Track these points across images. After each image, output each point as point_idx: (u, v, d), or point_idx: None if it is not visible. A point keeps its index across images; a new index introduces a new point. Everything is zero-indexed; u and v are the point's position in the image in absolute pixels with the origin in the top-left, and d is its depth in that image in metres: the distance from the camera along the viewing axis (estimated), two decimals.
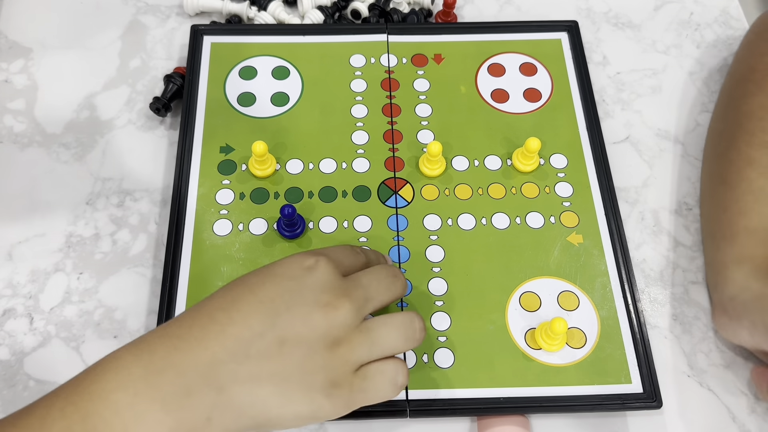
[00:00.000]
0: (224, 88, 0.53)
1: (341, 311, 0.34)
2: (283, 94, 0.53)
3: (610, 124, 0.55)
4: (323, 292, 0.35)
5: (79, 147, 0.52)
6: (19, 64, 0.56)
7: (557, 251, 0.47)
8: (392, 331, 0.36)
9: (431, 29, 0.57)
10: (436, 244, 0.47)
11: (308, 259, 0.36)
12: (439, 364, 0.43)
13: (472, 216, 0.48)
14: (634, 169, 0.53)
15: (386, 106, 0.53)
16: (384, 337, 0.36)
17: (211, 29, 0.55)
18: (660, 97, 0.56)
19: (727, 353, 0.46)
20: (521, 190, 0.49)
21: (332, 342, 0.34)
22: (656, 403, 0.42)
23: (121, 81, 0.55)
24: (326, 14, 0.58)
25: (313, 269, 0.35)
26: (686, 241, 0.50)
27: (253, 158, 0.48)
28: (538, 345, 0.43)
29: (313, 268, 0.35)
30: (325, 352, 0.34)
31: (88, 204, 0.49)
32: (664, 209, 0.51)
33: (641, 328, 0.44)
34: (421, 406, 0.41)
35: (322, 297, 0.35)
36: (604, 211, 0.49)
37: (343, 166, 0.50)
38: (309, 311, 0.34)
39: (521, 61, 0.56)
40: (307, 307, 0.34)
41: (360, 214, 0.48)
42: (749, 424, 0.43)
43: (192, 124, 0.51)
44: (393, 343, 0.36)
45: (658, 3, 0.62)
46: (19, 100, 0.54)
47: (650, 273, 0.48)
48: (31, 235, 0.48)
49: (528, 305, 0.45)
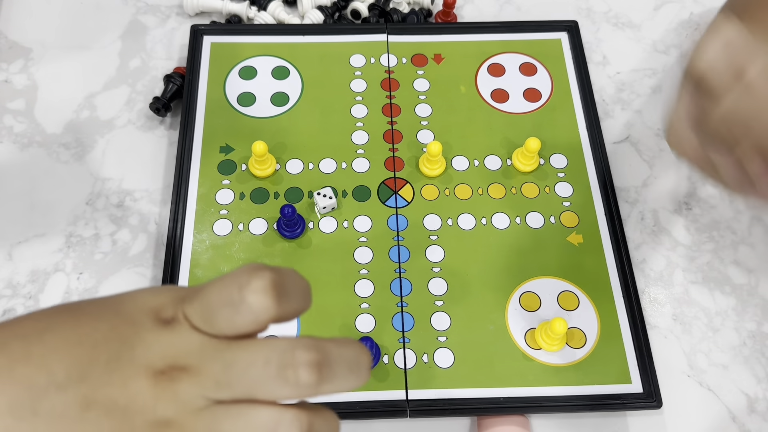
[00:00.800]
0: (224, 88, 0.53)
1: (181, 386, 0.24)
2: (283, 94, 0.53)
3: (610, 124, 0.55)
4: (164, 357, 0.24)
5: (79, 147, 0.52)
6: (19, 64, 0.56)
7: (557, 251, 0.47)
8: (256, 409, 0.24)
9: (431, 29, 0.57)
10: (436, 244, 0.47)
11: (167, 309, 0.25)
12: (439, 364, 0.43)
13: (472, 216, 0.48)
14: (634, 169, 0.53)
15: (386, 106, 0.53)
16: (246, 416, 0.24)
17: (211, 29, 0.55)
18: (660, 97, 0.56)
19: (727, 353, 0.46)
20: (521, 190, 0.49)
21: (157, 423, 0.24)
22: (656, 403, 0.42)
23: (121, 81, 0.55)
24: (326, 14, 0.58)
25: (168, 326, 0.25)
26: (686, 241, 0.50)
27: (253, 158, 0.48)
28: (538, 345, 0.43)
29: (168, 323, 0.25)
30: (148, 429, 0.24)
31: (88, 204, 0.49)
32: (664, 209, 0.51)
33: (641, 328, 0.44)
34: (421, 406, 0.41)
35: (159, 361, 0.24)
36: (604, 211, 0.49)
37: (343, 166, 0.50)
38: (135, 374, 0.24)
39: (521, 61, 0.56)
40: (134, 368, 0.24)
41: (360, 214, 0.48)
42: (749, 424, 0.43)
43: (192, 124, 0.51)
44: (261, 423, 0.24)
45: (658, 3, 0.62)
46: (19, 100, 0.54)
47: (650, 273, 0.48)
48: (31, 235, 0.48)
49: (528, 305, 0.45)
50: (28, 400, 0.23)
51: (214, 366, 0.24)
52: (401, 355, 0.43)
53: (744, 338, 0.46)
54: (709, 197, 0.52)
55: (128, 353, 0.24)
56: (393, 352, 0.43)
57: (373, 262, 0.46)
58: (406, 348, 0.43)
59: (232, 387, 0.24)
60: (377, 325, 0.44)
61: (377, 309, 0.44)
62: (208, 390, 0.24)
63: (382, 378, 0.42)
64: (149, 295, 0.26)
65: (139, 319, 0.25)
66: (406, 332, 0.44)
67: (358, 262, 0.46)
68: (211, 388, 0.24)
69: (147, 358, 0.24)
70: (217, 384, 0.24)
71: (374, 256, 0.46)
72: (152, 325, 0.25)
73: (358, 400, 0.41)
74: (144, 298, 0.26)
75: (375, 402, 0.41)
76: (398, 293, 0.45)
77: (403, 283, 0.45)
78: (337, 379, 0.24)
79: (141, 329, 0.25)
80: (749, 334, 0.46)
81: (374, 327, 0.44)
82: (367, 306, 0.44)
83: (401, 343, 0.43)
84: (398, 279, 0.45)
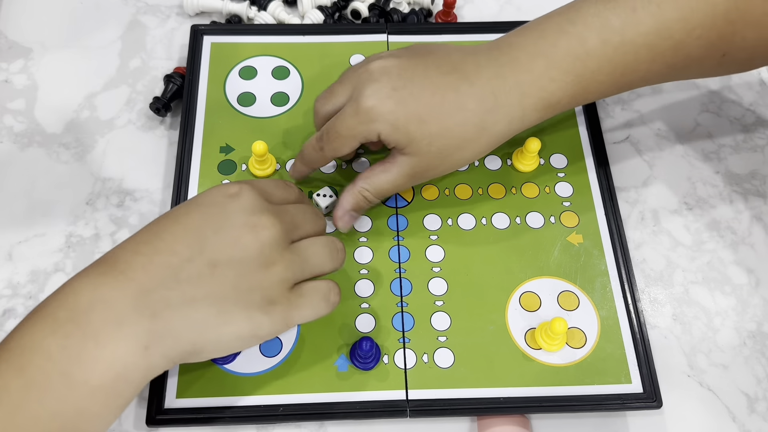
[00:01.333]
0: (224, 88, 0.53)
1: (271, 231, 0.35)
2: (283, 94, 0.53)
3: (610, 124, 0.55)
4: (250, 215, 0.35)
5: (79, 147, 0.52)
6: (19, 64, 0.56)
7: (557, 251, 0.47)
8: (319, 250, 0.38)
9: (431, 29, 0.57)
10: (436, 244, 0.47)
11: (232, 188, 0.36)
12: (439, 364, 0.43)
13: (472, 216, 0.48)
14: (634, 169, 0.53)
15: None
16: (313, 257, 0.37)
17: (211, 29, 0.55)
18: (660, 97, 0.56)
19: (727, 353, 0.46)
20: (521, 190, 0.49)
21: (265, 261, 0.35)
22: (656, 403, 0.42)
23: (121, 81, 0.55)
24: (326, 14, 0.58)
25: (238, 196, 0.36)
26: (686, 241, 0.50)
27: (253, 158, 0.48)
28: (538, 345, 0.43)
29: (237, 195, 0.36)
30: (259, 271, 0.34)
31: (88, 204, 0.49)
32: (664, 209, 0.51)
33: (641, 328, 0.44)
34: (421, 406, 0.41)
35: (249, 219, 0.35)
36: (604, 211, 0.49)
37: (343, 166, 0.50)
38: (238, 234, 0.34)
39: None
40: (235, 229, 0.34)
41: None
42: (749, 424, 0.43)
43: (192, 124, 0.51)
44: (321, 262, 0.38)
45: None
46: (19, 100, 0.54)
47: (650, 273, 0.48)
48: (31, 235, 0.48)
49: (528, 305, 0.45)
50: (171, 275, 0.33)
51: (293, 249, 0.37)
52: (401, 355, 0.43)
53: (744, 338, 0.46)
54: (709, 197, 0.52)
55: (226, 222, 0.35)
56: (393, 352, 0.43)
57: (373, 262, 0.46)
58: (406, 348, 0.43)
59: (305, 269, 0.37)
60: (377, 325, 0.44)
61: (377, 309, 0.44)
62: (290, 235, 0.37)
63: (382, 378, 0.42)
64: (221, 188, 0.37)
65: (221, 201, 0.36)
66: (406, 332, 0.44)
67: (358, 262, 0.46)
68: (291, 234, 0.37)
69: (241, 219, 0.35)
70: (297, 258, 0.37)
71: (374, 256, 0.46)
72: (229, 201, 0.36)
73: (358, 400, 0.41)
74: (217, 189, 0.37)
75: (375, 402, 0.41)
76: (398, 293, 0.45)
77: (403, 283, 0.45)
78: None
79: (224, 207, 0.35)
80: (749, 334, 0.46)
81: (374, 327, 0.44)
82: (367, 306, 0.44)
83: (401, 343, 0.43)
84: (398, 279, 0.45)
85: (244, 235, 0.34)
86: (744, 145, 0.54)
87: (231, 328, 0.34)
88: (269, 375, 0.42)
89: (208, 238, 0.34)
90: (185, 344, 0.33)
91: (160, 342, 0.32)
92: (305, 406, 0.41)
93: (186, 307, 0.33)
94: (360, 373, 0.42)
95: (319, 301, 0.37)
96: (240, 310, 0.34)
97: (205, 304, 0.33)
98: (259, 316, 0.34)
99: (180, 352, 0.33)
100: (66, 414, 0.31)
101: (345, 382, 0.42)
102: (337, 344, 0.43)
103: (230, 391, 0.41)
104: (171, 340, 0.32)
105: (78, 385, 0.31)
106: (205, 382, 0.42)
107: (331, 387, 0.42)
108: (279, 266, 0.35)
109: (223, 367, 0.42)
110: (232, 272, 0.34)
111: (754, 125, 0.55)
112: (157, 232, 0.35)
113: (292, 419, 0.41)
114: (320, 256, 0.38)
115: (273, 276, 0.35)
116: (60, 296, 0.32)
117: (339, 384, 0.42)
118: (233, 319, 0.34)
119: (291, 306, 0.36)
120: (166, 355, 0.32)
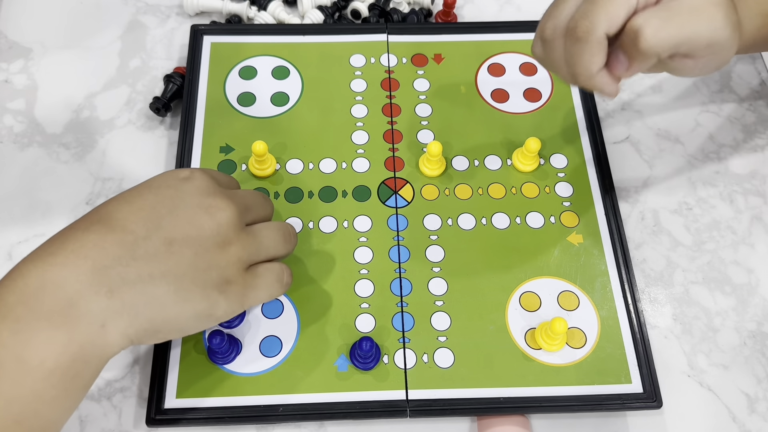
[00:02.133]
0: (224, 88, 0.53)
1: (226, 212, 0.35)
2: (283, 94, 0.53)
3: (610, 124, 0.55)
4: (205, 197, 0.36)
5: (79, 147, 0.52)
6: (19, 64, 0.56)
7: (557, 251, 0.47)
8: (273, 234, 0.39)
9: (431, 29, 0.57)
10: (436, 244, 0.47)
11: (183, 172, 0.37)
12: (439, 364, 0.43)
13: (472, 216, 0.48)
14: (634, 169, 0.53)
15: (386, 106, 0.53)
16: (267, 239, 0.38)
17: (211, 29, 0.55)
18: (660, 97, 0.56)
19: (728, 353, 0.46)
20: (521, 190, 0.49)
21: (222, 242, 0.35)
22: (656, 403, 0.42)
23: (121, 81, 0.55)
24: (326, 14, 0.58)
25: (190, 179, 0.36)
26: (686, 241, 0.50)
27: (253, 158, 0.48)
28: (538, 345, 0.43)
29: (189, 178, 0.36)
30: (215, 250, 0.35)
31: (88, 204, 0.49)
32: (664, 209, 0.51)
33: (641, 328, 0.44)
34: (421, 406, 0.41)
35: (204, 201, 0.35)
36: (604, 211, 0.49)
37: (343, 166, 0.50)
38: (193, 213, 0.35)
39: (521, 60, 0.56)
40: (190, 210, 0.35)
41: (360, 214, 0.48)
42: (749, 424, 0.43)
43: (192, 124, 0.51)
44: (275, 245, 0.39)
45: None
46: (19, 100, 0.54)
47: (650, 273, 0.48)
48: (31, 235, 0.48)
49: (528, 305, 0.45)
50: (126, 252, 0.32)
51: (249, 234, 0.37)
52: (401, 355, 0.43)
53: (744, 338, 0.46)
54: (709, 197, 0.52)
55: (181, 203, 0.35)
56: (393, 352, 0.43)
57: (373, 262, 0.46)
58: (406, 348, 0.43)
59: (260, 251, 0.38)
60: (377, 325, 0.44)
61: (377, 309, 0.44)
62: (243, 217, 0.37)
63: (382, 378, 0.42)
64: (172, 172, 0.37)
65: (174, 184, 0.36)
66: (406, 332, 0.44)
67: (358, 262, 0.46)
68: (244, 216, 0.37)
69: (195, 200, 0.35)
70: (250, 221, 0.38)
71: (374, 256, 0.46)
72: (182, 183, 0.36)
73: (358, 400, 0.41)
74: (169, 173, 0.37)
75: (375, 402, 0.41)
76: (398, 293, 0.45)
77: (403, 283, 0.45)
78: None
79: (178, 189, 0.35)
80: (749, 334, 0.46)
81: (374, 327, 0.44)
82: (367, 306, 0.44)
83: (401, 343, 0.43)
84: (398, 279, 0.45)
85: (199, 216, 0.35)
86: (744, 145, 0.54)
87: (188, 306, 0.34)
88: (269, 375, 0.42)
89: (164, 218, 0.34)
90: (143, 321, 0.32)
91: (118, 319, 0.32)
92: (305, 406, 0.41)
93: (143, 284, 0.32)
94: (360, 373, 0.42)
95: (273, 282, 0.38)
96: (198, 288, 0.34)
97: (163, 281, 0.33)
98: (215, 296, 0.34)
99: (138, 330, 0.32)
100: (23, 398, 0.30)
101: (345, 382, 0.42)
102: (337, 344, 0.43)
103: (230, 391, 0.41)
104: (129, 318, 0.32)
105: (33, 369, 0.30)
106: (205, 382, 0.42)
107: (331, 387, 0.42)
108: (235, 247, 0.35)
109: (223, 367, 0.42)
110: (189, 250, 0.34)
111: (754, 125, 0.55)
112: (109, 212, 0.34)
113: (292, 419, 0.41)
114: (274, 240, 0.39)
115: (229, 256, 0.35)
116: (7, 281, 0.32)
117: (339, 384, 0.42)
118: (191, 297, 0.34)
119: (247, 286, 0.36)
120: (123, 332, 0.32)
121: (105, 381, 0.43)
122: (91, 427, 0.42)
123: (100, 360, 0.32)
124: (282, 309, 0.44)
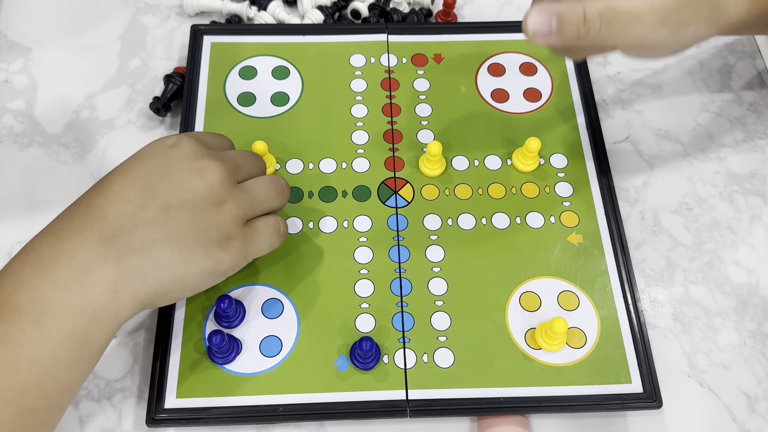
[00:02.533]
0: (224, 88, 0.53)
1: (216, 172, 0.37)
2: (283, 94, 0.53)
3: (610, 124, 0.55)
4: (194, 161, 0.37)
5: (79, 147, 0.52)
6: (19, 64, 0.56)
7: (557, 251, 0.47)
8: (266, 188, 0.40)
9: (431, 29, 0.57)
10: (436, 244, 0.47)
11: (170, 139, 0.38)
12: (439, 364, 0.43)
13: (472, 216, 0.48)
14: (634, 169, 0.53)
15: (386, 106, 0.53)
16: (260, 194, 0.40)
17: (211, 29, 0.55)
18: (660, 97, 0.56)
19: (728, 353, 0.46)
20: (521, 190, 0.49)
21: (216, 201, 0.37)
22: (656, 403, 0.42)
23: (121, 81, 0.55)
24: (326, 14, 0.58)
25: (177, 145, 0.38)
26: (686, 241, 0.50)
27: None
28: (538, 345, 0.43)
29: (176, 144, 0.38)
30: (211, 210, 0.36)
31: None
32: (664, 209, 0.51)
33: (641, 328, 0.44)
34: (421, 406, 0.41)
35: (193, 164, 0.37)
36: (604, 211, 0.49)
37: (343, 166, 0.50)
38: (184, 177, 0.36)
39: (521, 60, 0.56)
40: (181, 174, 0.36)
41: (360, 214, 0.48)
42: (749, 424, 0.43)
43: (192, 124, 0.51)
44: (269, 198, 0.40)
45: None
46: (19, 100, 0.54)
47: (650, 273, 0.48)
48: (31, 235, 0.48)
49: (528, 305, 0.45)
50: (128, 221, 0.34)
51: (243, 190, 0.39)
52: (401, 355, 0.43)
53: (744, 338, 0.46)
54: (709, 197, 0.52)
55: (172, 169, 0.36)
56: (393, 352, 0.43)
57: (373, 262, 0.46)
58: (406, 348, 0.43)
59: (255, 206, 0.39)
60: (377, 325, 0.44)
61: (377, 309, 0.44)
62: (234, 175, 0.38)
63: (382, 378, 0.42)
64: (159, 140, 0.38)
65: (162, 152, 0.37)
66: (406, 332, 0.44)
67: (358, 262, 0.46)
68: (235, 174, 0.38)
69: (185, 165, 0.36)
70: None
71: (374, 256, 0.46)
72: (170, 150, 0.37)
73: (358, 400, 0.41)
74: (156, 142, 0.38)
75: (375, 402, 0.41)
76: (398, 293, 0.45)
77: (403, 283, 0.45)
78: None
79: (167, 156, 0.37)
80: (749, 334, 0.46)
81: (374, 327, 0.44)
82: (367, 306, 0.44)
83: (401, 343, 0.43)
84: (398, 279, 0.45)
85: (191, 179, 0.36)
86: (744, 145, 0.54)
87: (194, 265, 0.36)
88: (269, 375, 0.42)
89: (157, 185, 0.36)
90: (153, 284, 0.35)
91: (128, 284, 0.34)
92: (305, 406, 0.41)
93: (148, 249, 0.34)
94: (360, 373, 0.42)
95: (272, 233, 0.40)
96: (200, 247, 0.36)
97: (166, 245, 0.35)
98: (218, 252, 0.36)
99: (148, 293, 0.35)
100: (43, 362, 0.32)
101: (345, 382, 0.42)
102: (337, 344, 0.43)
103: (230, 391, 0.41)
104: (138, 281, 0.34)
105: (52, 333, 0.32)
106: (205, 382, 0.42)
107: (331, 387, 0.42)
108: (230, 204, 0.37)
109: (223, 367, 0.42)
110: (186, 213, 0.35)
111: (754, 125, 0.55)
112: (106, 186, 0.36)
113: (292, 419, 0.41)
114: (267, 193, 0.40)
115: (226, 214, 0.37)
116: (22, 255, 0.34)
117: (339, 384, 0.42)
118: (195, 257, 0.35)
119: (247, 240, 0.38)
120: (135, 296, 0.34)
121: (105, 381, 0.43)
122: (91, 427, 0.42)
123: (114, 324, 0.34)
124: (282, 309, 0.44)
